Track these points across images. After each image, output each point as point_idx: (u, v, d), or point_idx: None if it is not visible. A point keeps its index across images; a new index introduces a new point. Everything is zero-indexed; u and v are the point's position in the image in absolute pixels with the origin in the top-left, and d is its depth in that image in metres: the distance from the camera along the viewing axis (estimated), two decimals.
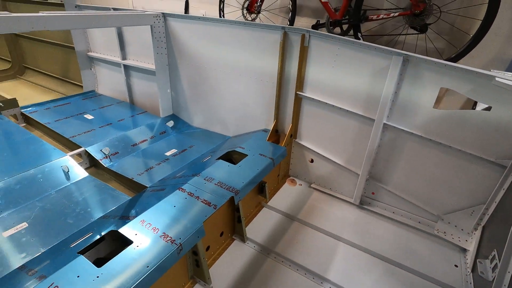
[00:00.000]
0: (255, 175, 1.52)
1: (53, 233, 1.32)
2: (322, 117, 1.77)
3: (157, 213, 1.21)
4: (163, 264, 1.00)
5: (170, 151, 2.06)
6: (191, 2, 4.12)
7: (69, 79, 3.11)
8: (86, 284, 0.89)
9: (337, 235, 1.57)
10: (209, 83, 2.21)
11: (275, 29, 1.72)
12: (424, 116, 1.43)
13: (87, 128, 2.21)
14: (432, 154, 1.47)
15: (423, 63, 1.34)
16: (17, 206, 1.47)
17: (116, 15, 1.88)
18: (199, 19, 2.03)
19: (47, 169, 1.70)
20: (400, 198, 1.66)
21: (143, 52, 2.45)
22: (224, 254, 1.43)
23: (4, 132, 2.06)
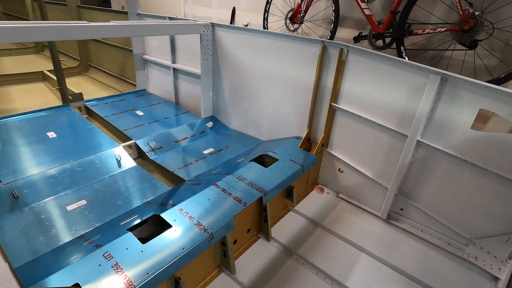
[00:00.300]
0: (284, 179, 1.62)
1: (106, 211, 1.54)
2: (354, 129, 1.81)
3: (194, 204, 1.35)
4: (195, 248, 1.13)
5: (207, 150, 2.23)
6: (237, 11, 4.35)
7: (125, 77, 3.48)
8: (133, 256, 1.05)
9: (360, 246, 1.59)
10: (248, 89, 2.35)
11: (315, 42, 1.80)
12: (461, 136, 1.41)
13: (138, 123, 2.48)
14: (467, 175, 1.44)
15: (462, 83, 1.34)
16: (78, 186, 1.72)
17: (172, 24, 2.10)
18: (243, 30, 2.18)
19: (103, 157, 1.96)
20: (430, 217, 1.64)
21: (190, 57, 2.68)
22: (250, 249, 1.54)
23: (71, 121, 2.40)
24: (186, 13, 5.13)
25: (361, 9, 2.71)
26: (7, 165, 1.77)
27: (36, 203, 1.56)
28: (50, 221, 1.44)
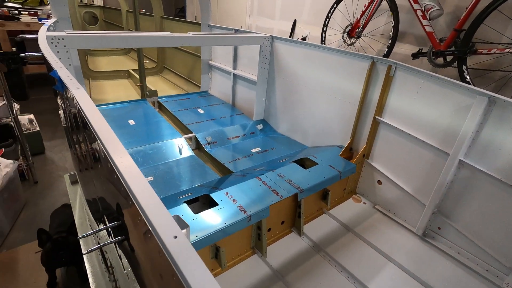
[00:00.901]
0: (320, 182, 1.76)
1: (168, 187, 1.87)
2: (396, 143, 1.86)
3: (238, 190, 1.59)
4: (235, 225, 1.36)
5: (255, 149, 2.47)
6: (298, 23, 4.57)
7: (191, 79, 3.96)
8: (186, 220, 1.32)
9: (389, 256, 1.64)
10: (297, 97, 2.53)
11: (365, 58, 1.91)
12: (508, 160, 1.39)
13: (198, 119, 2.84)
14: (510, 200, 1.41)
15: (511, 106, 1.33)
16: (149, 165, 2.10)
17: (237, 36, 2.41)
18: (299, 43, 2.38)
19: (169, 144, 2.34)
20: (468, 240, 1.61)
21: (249, 65, 2.97)
22: (282, 239, 1.72)
23: (146, 113, 2.87)
24: (250, 24, 5.54)
25: (422, 26, 2.71)
26: None
27: None
28: None
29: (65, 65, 1.65)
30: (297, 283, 1.44)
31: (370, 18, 3.16)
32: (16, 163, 3.00)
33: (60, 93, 1.41)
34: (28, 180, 3.43)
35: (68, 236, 2.03)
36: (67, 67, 1.67)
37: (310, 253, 1.63)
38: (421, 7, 2.70)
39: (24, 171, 3.35)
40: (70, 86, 0.83)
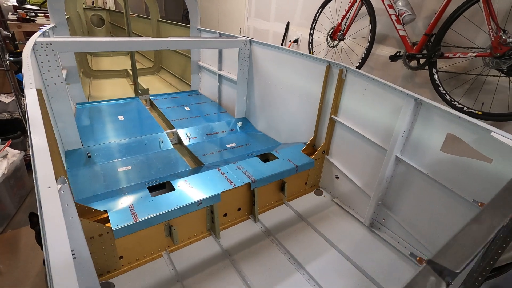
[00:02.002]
0: (275, 174, 1.93)
1: (142, 176, 2.10)
2: (349, 141, 2.01)
3: (196, 179, 1.79)
4: (185, 208, 1.56)
5: (230, 144, 2.67)
6: (291, 25, 4.73)
7: (184, 79, 4.20)
8: (143, 203, 1.54)
9: (334, 243, 1.81)
10: (272, 96, 2.71)
11: (322, 62, 2.07)
12: (433, 156, 1.53)
13: (183, 116, 3.07)
14: (437, 195, 1.54)
15: (433, 108, 1.47)
16: (130, 156, 2.34)
17: (217, 40, 2.61)
18: (271, 47, 2.56)
19: (151, 138, 2.57)
20: (406, 230, 1.75)
21: (232, 66, 3.17)
22: (238, 225, 1.91)
23: (136, 109, 3.13)
24: (248, 26, 5.73)
25: (397, 30, 2.82)
26: (89, 134, 2.51)
27: (100, 163, 2.21)
28: (106, 176, 2.06)
29: (53, 67, 1.91)
30: (242, 261, 1.63)
31: (352, 21, 3.28)
32: (23, 153, 3.32)
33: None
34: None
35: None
36: (55, 68, 1.93)
37: (261, 237, 1.82)
38: (395, 12, 2.82)
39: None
40: (26, 84, 1.05)
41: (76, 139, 2.27)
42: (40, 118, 0.83)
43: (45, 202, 0.55)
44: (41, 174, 0.60)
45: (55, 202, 0.55)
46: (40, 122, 0.81)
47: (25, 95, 0.95)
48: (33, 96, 0.95)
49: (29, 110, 0.87)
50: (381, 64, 3.39)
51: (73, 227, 0.69)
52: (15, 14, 6.50)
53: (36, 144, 0.71)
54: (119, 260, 1.49)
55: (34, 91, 0.99)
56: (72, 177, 2.03)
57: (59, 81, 2.00)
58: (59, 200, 0.56)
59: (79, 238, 0.71)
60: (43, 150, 0.68)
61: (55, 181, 0.59)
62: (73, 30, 3.38)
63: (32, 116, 0.84)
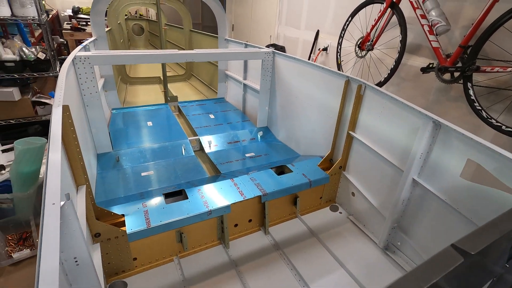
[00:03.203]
0: (287, 188, 1.94)
1: (162, 181, 2.23)
2: (366, 158, 1.95)
3: (209, 188, 1.86)
4: (195, 216, 1.64)
5: (249, 154, 2.72)
6: (321, 33, 4.69)
7: (212, 87, 4.36)
8: (157, 209, 1.64)
9: (343, 263, 1.76)
10: (293, 107, 2.72)
11: (341, 76, 2.04)
12: (452, 182, 1.44)
13: (207, 123, 3.19)
14: (455, 222, 1.45)
15: (453, 132, 1.38)
16: (153, 161, 2.50)
17: (241, 52, 2.68)
18: (294, 59, 2.57)
19: (175, 144, 2.71)
20: (422, 258, 1.66)
21: (256, 76, 3.23)
22: (248, 235, 1.94)
23: (164, 116, 3.31)
24: (279, 33, 5.78)
25: (429, 41, 2.68)
26: (120, 139, 2.72)
27: (126, 166, 2.39)
28: (129, 180, 2.22)
29: (89, 78, 2.11)
30: (248, 273, 1.66)
31: (382, 31, 3.17)
32: None
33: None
34: None
35: None
36: (91, 80, 2.13)
37: (269, 250, 1.83)
38: (428, 22, 2.68)
39: None
40: (55, 102, 1.19)
41: (107, 143, 2.47)
42: (59, 136, 0.94)
43: (47, 217, 0.64)
44: (49, 190, 0.70)
45: (55, 218, 0.64)
46: (59, 140, 0.92)
47: (52, 113, 1.09)
48: (58, 115, 1.08)
49: (52, 128, 1.00)
50: (413, 75, 3.23)
51: (76, 237, 0.78)
52: (69, 23, 7.23)
53: (51, 160, 0.82)
54: (133, 261, 1.60)
55: (60, 109, 1.13)
56: (102, 178, 2.22)
57: (94, 91, 2.20)
58: (59, 216, 0.65)
59: (82, 246, 0.80)
60: (55, 168, 0.79)
61: (59, 198, 0.68)
62: (114, 40, 3.70)
63: (54, 133, 0.96)
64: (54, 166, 0.80)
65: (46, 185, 0.72)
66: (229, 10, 7.70)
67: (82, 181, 1.31)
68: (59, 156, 0.84)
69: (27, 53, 3.33)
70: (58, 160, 0.82)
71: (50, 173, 0.77)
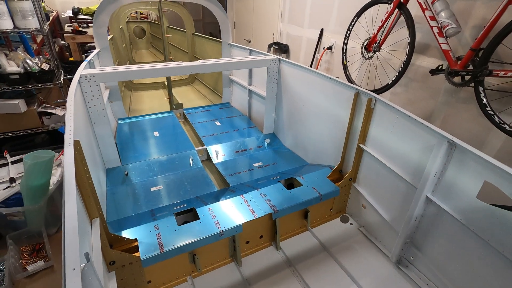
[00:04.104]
0: (298, 203, 1.93)
1: (172, 197, 2.23)
2: (377, 172, 1.93)
3: (219, 207, 1.86)
4: (208, 238, 1.64)
5: (257, 163, 2.71)
6: (325, 32, 4.60)
7: (216, 91, 4.32)
8: (170, 231, 1.64)
9: (356, 279, 1.76)
10: (300, 115, 2.69)
11: (350, 88, 2.00)
12: (468, 203, 1.41)
13: (214, 132, 3.17)
14: (470, 243, 1.43)
15: (469, 153, 1.35)
16: (162, 174, 2.50)
17: (247, 61, 2.64)
18: (300, 67, 2.53)
19: (182, 156, 2.71)
20: (435, 274, 1.65)
21: (261, 82, 3.19)
22: (260, 251, 1.95)
23: (170, 125, 3.31)
24: (282, 31, 5.68)
25: (439, 43, 2.61)
26: (128, 152, 2.73)
27: (136, 181, 2.40)
28: (140, 196, 2.23)
29: (95, 96, 2.10)
30: None
31: (389, 33, 3.10)
32: None
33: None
34: None
35: None
36: (97, 97, 2.12)
37: (282, 267, 1.84)
38: (437, 24, 2.60)
39: None
40: (66, 140, 1.17)
41: (115, 157, 2.48)
42: (73, 184, 0.94)
43: (68, 282, 0.64)
44: (68, 256, 0.69)
45: (76, 283, 0.64)
46: (73, 190, 0.91)
47: (64, 153, 1.08)
48: (70, 155, 1.07)
49: (66, 173, 0.99)
50: (421, 76, 3.17)
51: None
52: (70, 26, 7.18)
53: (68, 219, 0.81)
54: (148, 284, 1.62)
55: (71, 149, 1.12)
56: (112, 195, 2.23)
57: (101, 108, 2.19)
58: (80, 280, 0.65)
59: None
60: (73, 230, 0.78)
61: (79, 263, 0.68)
62: (116, 48, 3.66)
63: (68, 180, 0.96)
64: (72, 227, 0.79)
65: (65, 247, 0.71)
66: (230, 7, 7.58)
67: (96, 214, 1.31)
68: (75, 211, 0.83)
69: (31, 64, 3.33)
70: (74, 218, 0.81)
71: (68, 234, 0.76)
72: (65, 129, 1.23)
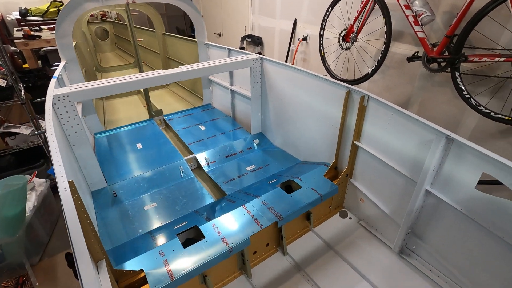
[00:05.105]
0: (301, 207, 1.93)
1: (168, 214, 2.14)
2: (374, 167, 1.97)
3: (223, 221, 1.81)
4: (218, 258, 1.59)
5: (250, 167, 2.66)
6: (298, 22, 4.55)
7: (195, 92, 4.16)
8: (176, 256, 1.57)
9: (364, 274, 1.81)
10: (288, 114, 2.66)
11: (341, 87, 2.00)
12: (467, 193, 1.48)
13: (199, 138, 3.06)
14: (472, 232, 1.50)
15: (467, 147, 1.40)
16: (153, 190, 2.38)
17: (229, 63, 2.53)
18: (285, 66, 2.48)
19: (171, 167, 2.59)
20: (437, 260, 1.73)
21: (243, 82, 3.11)
22: (267, 259, 1.93)
23: (152, 134, 3.14)
24: (253, 23, 5.56)
25: (415, 32, 2.67)
26: (112, 170, 2.56)
27: (126, 201, 2.26)
28: (134, 217, 2.11)
29: (71, 116, 1.92)
30: None
31: (364, 22, 3.12)
32: (49, 182, 3.44)
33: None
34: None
35: None
36: (74, 118, 1.95)
37: (292, 272, 1.84)
38: (412, 13, 2.65)
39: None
40: (60, 187, 1.05)
41: (100, 178, 2.31)
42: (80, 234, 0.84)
43: None
44: None
45: None
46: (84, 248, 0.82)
47: (62, 200, 0.96)
48: (69, 202, 0.96)
49: (69, 223, 0.89)
50: (396, 62, 3.25)
51: None
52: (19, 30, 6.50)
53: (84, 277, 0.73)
54: None
55: (68, 195, 1.00)
56: (102, 220, 2.09)
57: (79, 128, 2.02)
58: None
59: None
60: None
61: None
62: (81, 53, 3.36)
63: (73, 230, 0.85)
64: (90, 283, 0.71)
65: None
66: (196, 0, 7.27)
67: (101, 256, 1.21)
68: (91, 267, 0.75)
69: None
70: (92, 270, 0.73)
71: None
72: (54, 171, 1.10)
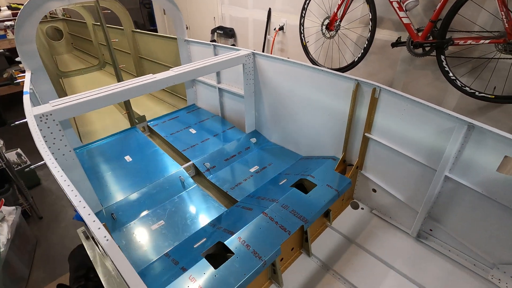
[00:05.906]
0: (322, 207, 1.89)
1: (180, 230, 1.98)
2: (387, 158, 1.99)
3: (249, 233, 1.71)
4: (253, 274, 1.50)
5: (253, 168, 2.56)
6: (273, 11, 4.44)
7: (176, 93, 3.89)
8: (210, 280, 1.45)
9: (389, 263, 1.84)
10: (286, 110, 2.59)
11: (349, 80, 1.96)
12: (487, 176, 1.54)
13: (193, 142, 2.88)
14: (492, 211, 1.58)
15: (488, 132, 1.45)
16: (155, 206, 2.18)
17: (220, 62, 2.35)
18: (281, 60, 2.38)
19: (171, 179, 2.40)
20: (456, 240, 1.81)
21: (234, 79, 2.95)
22: (293, 264, 1.89)
23: (139, 143, 2.88)
24: (223, 14, 5.32)
25: (399, 17, 2.71)
26: (103, 190, 2.30)
27: (129, 223, 2.05)
28: (143, 241, 1.92)
29: (57, 138, 1.66)
30: None
31: (347, 10, 3.11)
32: (19, 208, 3.04)
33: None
34: (32, 216, 3.49)
35: (87, 283, 2.17)
36: (60, 138, 1.69)
37: (321, 273, 1.82)
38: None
39: (27, 210, 3.40)
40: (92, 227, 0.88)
41: (95, 202, 2.07)
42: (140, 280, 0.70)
43: None
44: None
45: None
46: None
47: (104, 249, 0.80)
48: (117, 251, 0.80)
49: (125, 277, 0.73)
50: (378, 48, 3.31)
51: None
52: None
53: None
54: None
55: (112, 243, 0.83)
56: None
57: (67, 150, 1.76)
58: None
59: None
60: None
61: None
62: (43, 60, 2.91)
63: None
64: None
65: None
66: None
67: None
68: None
69: None
70: None
71: None
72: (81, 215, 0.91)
